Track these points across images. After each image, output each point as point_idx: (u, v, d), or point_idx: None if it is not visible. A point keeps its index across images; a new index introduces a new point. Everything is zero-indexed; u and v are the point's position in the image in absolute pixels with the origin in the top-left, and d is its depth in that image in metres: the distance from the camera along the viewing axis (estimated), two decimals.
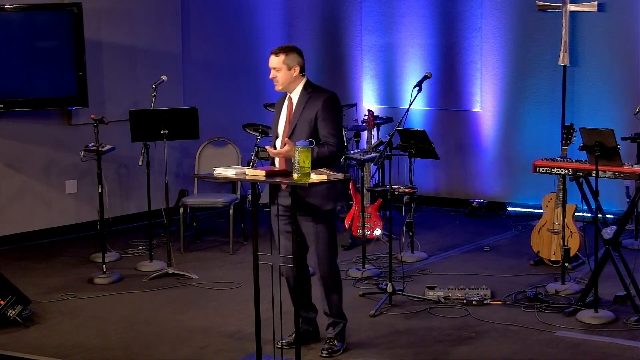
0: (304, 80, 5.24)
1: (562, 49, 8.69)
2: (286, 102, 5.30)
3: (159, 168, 7.47)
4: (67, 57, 7.98)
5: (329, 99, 5.20)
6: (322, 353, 5.26)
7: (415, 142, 7.08)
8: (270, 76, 5.24)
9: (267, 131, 8.82)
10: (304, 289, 5.36)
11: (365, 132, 8.25)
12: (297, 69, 5.20)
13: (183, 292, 6.68)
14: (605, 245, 5.93)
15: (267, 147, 5.43)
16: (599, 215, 6.00)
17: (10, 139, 8.06)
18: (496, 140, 9.35)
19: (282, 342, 5.22)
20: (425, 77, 6.34)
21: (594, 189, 5.79)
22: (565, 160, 6.55)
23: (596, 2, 8.54)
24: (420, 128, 7.66)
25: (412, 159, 7.23)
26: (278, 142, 5.26)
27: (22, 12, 7.85)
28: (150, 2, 8.91)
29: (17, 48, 7.83)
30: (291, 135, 5.14)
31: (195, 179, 8.68)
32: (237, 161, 8.35)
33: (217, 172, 4.91)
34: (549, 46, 8.87)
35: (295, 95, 5.26)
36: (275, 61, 5.19)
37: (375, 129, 8.77)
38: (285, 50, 5.21)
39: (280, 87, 5.25)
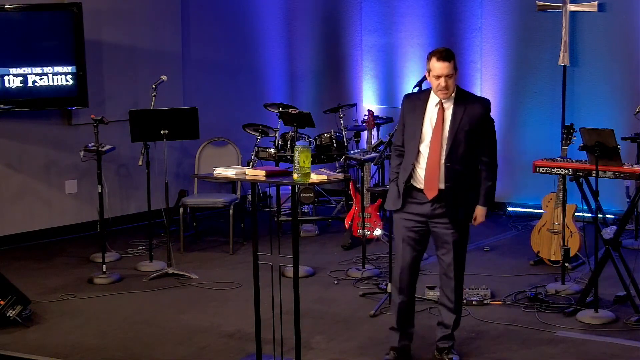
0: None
1: (562, 49, 8.69)
2: (436, 108, 4.87)
3: (159, 168, 7.47)
4: (67, 57, 7.98)
5: (489, 109, 4.92)
6: None
7: None
8: (441, 85, 4.80)
9: (267, 131, 8.83)
10: (412, 304, 5.21)
11: (365, 132, 8.24)
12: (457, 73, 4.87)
13: (183, 292, 6.68)
14: (605, 245, 5.93)
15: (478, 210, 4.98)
16: (599, 215, 6.00)
17: (10, 139, 8.05)
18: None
19: None
20: (425, 77, 6.31)
21: (594, 189, 5.78)
22: (565, 160, 6.55)
23: (596, 2, 8.54)
24: None
25: None
26: (423, 148, 4.88)
27: (22, 12, 7.85)
28: (150, 2, 8.91)
29: (17, 48, 7.83)
30: (452, 145, 4.81)
31: (195, 179, 8.68)
32: (237, 161, 8.35)
33: (217, 172, 4.90)
34: (549, 46, 8.87)
35: (448, 101, 4.87)
36: (448, 67, 4.80)
37: (375, 129, 8.76)
38: (452, 54, 4.85)
39: (449, 96, 4.82)
